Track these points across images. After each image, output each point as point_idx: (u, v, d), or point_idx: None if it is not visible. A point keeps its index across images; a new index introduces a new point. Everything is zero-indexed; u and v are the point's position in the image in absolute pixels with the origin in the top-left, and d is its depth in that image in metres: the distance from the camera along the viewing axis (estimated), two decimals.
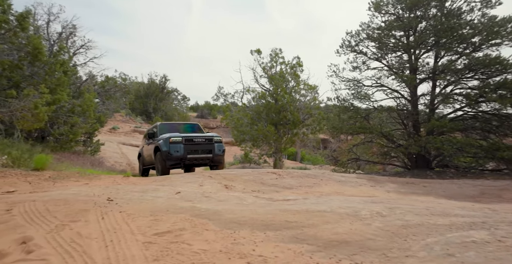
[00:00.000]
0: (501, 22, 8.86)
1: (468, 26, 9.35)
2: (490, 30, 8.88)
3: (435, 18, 9.72)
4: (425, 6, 9.73)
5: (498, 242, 1.84)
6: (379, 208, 2.86)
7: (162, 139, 7.94)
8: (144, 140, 9.58)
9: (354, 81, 11.65)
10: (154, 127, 9.09)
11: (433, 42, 10.04)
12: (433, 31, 9.70)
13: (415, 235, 2.11)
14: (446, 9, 9.64)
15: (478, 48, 9.61)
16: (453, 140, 9.42)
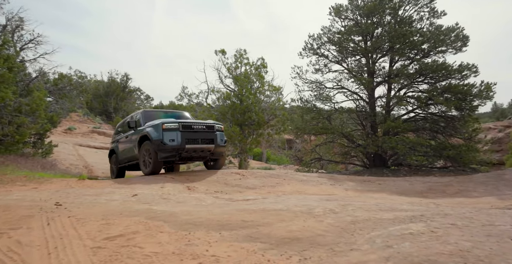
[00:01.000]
0: (446, 31, 9.64)
1: (418, 34, 10.05)
2: (437, 38, 9.62)
3: (389, 25, 10.34)
4: (381, 13, 10.31)
5: (431, 232, 2.02)
6: (332, 205, 2.99)
7: (151, 126, 6.49)
8: (118, 134, 8.02)
9: (317, 83, 12.03)
10: (136, 114, 7.54)
11: (388, 47, 10.66)
12: (388, 37, 10.30)
13: (362, 230, 2.24)
14: (399, 17, 10.30)
15: (427, 54, 10.37)
16: (406, 140, 10.08)
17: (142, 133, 6.62)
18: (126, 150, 7.38)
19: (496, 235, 1.91)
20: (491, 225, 2.14)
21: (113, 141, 8.10)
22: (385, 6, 10.11)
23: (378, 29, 10.86)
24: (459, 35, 9.63)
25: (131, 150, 7.14)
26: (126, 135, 7.46)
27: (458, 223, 2.22)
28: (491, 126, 22.67)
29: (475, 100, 9.79)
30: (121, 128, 8.11)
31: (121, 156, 7.60)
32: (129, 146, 7.20)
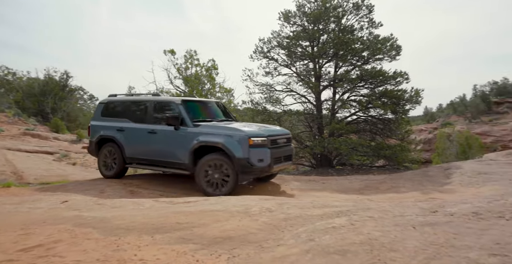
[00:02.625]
0: (383, 40, 10.51)
1: (359, 42, 10.81)
2: (375, 47, 10.44)
3: (333, 32, 10.97)
4: (326, 21, 10.90)
5: (350, 225, 2.21)
6: (269, 204, 3.10)
7: (225, 134, 4.95)
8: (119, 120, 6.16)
9: (267, 86, 12.30)
10: (169, 103, 5.71)
11: (333, 53, 11.29)
12: (332, 43, 10.91)
13: (292, 226, 2.37)
14: (342, 26, 10.98)
15: (367, 61, 11.18)
16: (349, 141, 10.75)
17: (203, 142, 5.07)
18: (152, 151, 5.69)
19: (402, 224, 2.16)
20: (401, 216, 2.41)
21: (107, 126, 6.18)
22: (330, 15, 10.71)
23: (324, 35, 11.44)
24: (393, 44, 10.56)
25: (168, 153, 5.51)
26: (150, 129, 5.65)
27: (375, 216, 2.45)
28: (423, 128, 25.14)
29: (407, 104, 10.79)
30: (122, 110, 6.22)
31: (135, 154, 5.87)
32: (163, 148, 5.57)
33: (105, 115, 6.45)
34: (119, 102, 6.39)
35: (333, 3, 10.75)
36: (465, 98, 33.13)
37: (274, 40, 11.53)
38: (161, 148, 5.60)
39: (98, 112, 6.59)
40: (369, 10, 10.55)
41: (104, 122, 6.38)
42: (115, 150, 6.16)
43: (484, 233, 1.90)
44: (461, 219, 2.25)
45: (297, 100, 12.48)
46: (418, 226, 2.14)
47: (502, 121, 25.65)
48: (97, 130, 6.40)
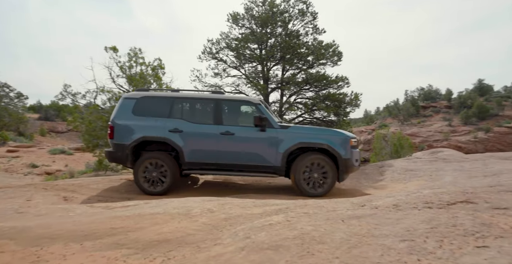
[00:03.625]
0: (326, 46, 11.15)
1: (305, 47, 11.33)
2: (319, 52, 11.03)
3: (281, 37, 11.35)
4: (273, 25, 11.23)
5: (286, 222, 2.31)
6: (212, 205, 3.10)
7: (325, 135, 5.06)
8: (173, 119, 5.23)
9: (216, 87, 12.26)
10: (248, 104, 5.42)
11: (280, 57, 11.67)
12: (279, 47, 11.27)
13: (231, 225, 2.40)
14: (289, 30, 11.41)
15: (312, 65, 11.76)
16: None
17: (304, 143, 5.00)
18: (230, 155, 5.12)
19: (333, 218, 2.32)
20: (333, 211, 2.58)
21: (151, 127, 5.19)
22: (277, 19, 11.06)
23: (271, 39, 11.77)
24: (335, 51, 11.28)
25: (250, 156, 5.10)
26: (224, 130, 5.11)
27: (310, 212, 2.60)
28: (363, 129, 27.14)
29: (347, 107, 11.58)
30: (170, 108, 5.29)
31: (199, 158, 5.16)
32: (243, 150, 5.13)
33: (139, 113, 5.23)
34: (164, 99, 5.34)
35: (280, 8, 11.11)
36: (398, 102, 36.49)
37: (223, 41, 11.56)
38: (240, 151, 5.14)
39: (125, 109, 5.25)
40: (313, 17, 11.11)
41: (142, 121, 5.18)
42: (165, 156, 5.13)
43: (399, 222, 2.12)
44: (384, 211, 2.48)
45: None
46: (346, 219, 2.31)
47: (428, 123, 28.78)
48: (132, 131, 5.14)
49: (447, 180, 6.03)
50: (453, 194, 2.77)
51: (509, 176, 4.89)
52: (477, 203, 2.44)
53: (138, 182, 5.19)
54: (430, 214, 2.25)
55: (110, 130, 5.26)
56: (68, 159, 16.03)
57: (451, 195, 2.76)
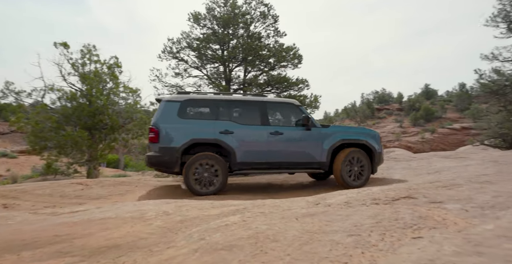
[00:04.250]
0: (287, 49, 11.41)
1: (266, 49, 11.49)
2: (280, 54, 11.25)
3: (242, 38, 11.39)
4: (235, 26, 11.25)
5: (242, 222, 2.33)
6: (168, 207, 3.03)
7: (362, 132, 5.86)
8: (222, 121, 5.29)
9: (177, 87, 11.98)
10: (288, 103, 5.73)
11: (242, 58, 11.71)
12: (241, 48, 11.31)
13: (187, 227, 2.36)
14: (251, 32, 11.50)
15: (273, 67, 11.95)
16: None
17: (346, 140, 5.57)
18: (280, 154, 5.37)
19: (288, 217, 2.39)
20: (288, 210, 2.66)
21: (201, 129, 5.17)
22: (239, 20, 11.09)
23: (233, 40, 11.77)
24: (295, 53, 11.57)
25: (295, 154, 5.44)
26: (274, 130, 5.33)
27: (266, 211, 2.65)
28: None
29: (307, 108, 11.92)
30: (216, 111, 5.34)
31: (251, 158, 5.28)
32: (292, 149, 5.44)
33: (185, 116, 5.21)
34: (210, 101, 5.43)
35: (241, 10, 11.16)
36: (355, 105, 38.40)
37: (183, 41, 11.33)
38: (289, 149, 5.45)
39: (169, 112, 5.16)
40: (275, 20, 11.31)
41: (189, 124, 5.17)
42: (214, 158, 5.10)
43: (349, 218, 2.24)
44: (335, 208, 2.60)
45: None
46: (300, 217, 2.39)
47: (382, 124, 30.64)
48: (180, 134, 5.06)
49: (396, 178, 6.46)
50: (398, 191, 2.99)
51: (448, 173, 5.37)
52: (417, 198, 2.65)
53: (189, 184, 5.06)
54: (376, 210, 2.40)
55: (154, 134, 5.09)
56: (10, 162, 14.68)
57: (396, 191, 2.97)
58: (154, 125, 5.14)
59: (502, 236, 1.63)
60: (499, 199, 2.31)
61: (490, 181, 3.18)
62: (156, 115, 5.32)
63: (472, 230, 1.81)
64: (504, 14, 12.51)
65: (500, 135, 13.72)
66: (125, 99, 11.77)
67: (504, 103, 13.03)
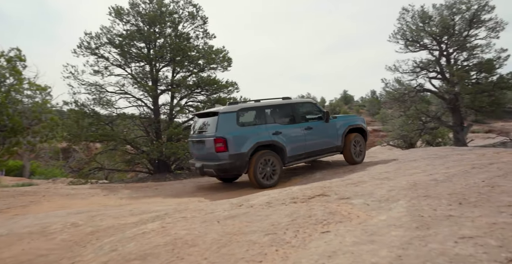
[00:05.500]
0: (216, 51, 11.40)
1: (195, 50, 11.30)
2: (209, 56, 11.19)
3: (170, 37, 11.01)
4: (162, 25, 10.80)
5: (161, 228, 2.24)
6: (78, 218, 2.75)
7: (357, 119, 7.32)
8: (267, 123, 6.04)
9: (96, 86, 10.97)
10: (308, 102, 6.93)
11: (170, 58, 11.31)
12: (169, 48, 10.92)
13: (98, 239, 2.17)
14: (179, 32, 11.19)
15: (202, 69, 11.82)
16: (186, 145, 11.00)
17: (353, 125, 6.93)
18: (313, 144, 6.40)
19: (209, 220, 2.38)
20: (211, 213, 2.65)
21: (259, 133, 5.86)
22: (166, 19, 10.69)
23: (160, 39, 11.29)
24: (225, 56, 11.63)
25: (322, 143, 6.54)
26: (306, 126, 6.37)
27: (188, 216, 2.59)
28: None
29: None
30: (263, 115, 6.14)
31: (295, 152, 6.17)
32: (319, 140, 6.48)
33: (242, 124, 5.81)
34: (257, 109, 6.15)
35: (168, 8, 10.79)
36: None
37: (104, 36, 10.44)
38: (318, 139, 6.44)
39: (229, 122, 5.65)
40: (204, 21, 11.21)
41: (248, 130, 5.80)
42: (273, 155, 5.86)
43: (268, 218, 2.34)
44: (257, 209, 2.68)
45: (132, 103, 11.74)
46: (222, 220, 2.40)
47: None
48: (246, 140, 5.65)
49: (318, 177, 6.97)
50: (314, 189, 3.22)
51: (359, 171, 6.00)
52: (329, 196, 2.90)
53: (257, 179, 5.67)
54: (293, 208, 2.55)
55: (222, 144, 5.52)
56: None
57: (312, 190, 3.20)
58: (220, 136, 5.56)
59: (392, 225, 1.89)
60: (392, 192, 2.67)
61: (388, 177, 3.66)
62: (215, 127, 5.69)
63: (370, 221, 2.05)
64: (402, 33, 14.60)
65: (401, 137, 15.90)
66: (31, 98, 10.30)
67: (404, 109, 15.16)
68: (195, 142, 6.31)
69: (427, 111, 15.55)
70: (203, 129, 6.09)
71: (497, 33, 13.85)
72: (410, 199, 2.42)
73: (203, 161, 6.00)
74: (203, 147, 5.95)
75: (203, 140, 5.90)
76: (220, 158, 5.59)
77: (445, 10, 14.23)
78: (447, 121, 15.10)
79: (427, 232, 1.71)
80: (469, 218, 1.84)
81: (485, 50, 14.06)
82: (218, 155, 5.59)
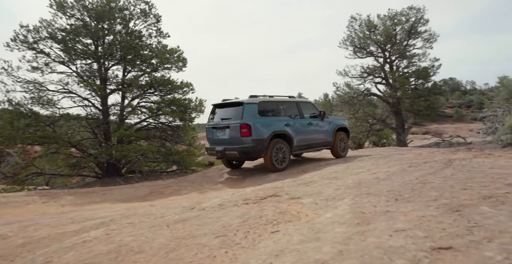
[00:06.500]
0: (170, 51, 11.09)
1: (148, 49, 10.88)
2: (163, 56, 10.84)
3: (120, 35, 10.46)
4: (111, 21, 10.23)
5: (105, 235, 2.11)
6: (8, 229, 2.49)
7: (342, 119, 8.47)
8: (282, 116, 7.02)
9: (35, 84, 10.02)
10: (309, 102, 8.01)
11: (121, 56, 10.74)
12: (120, 46, 10.37)
13: (30, 251, 1.99)
14: (130, 29, 10.68)
15: (156, 69, 11.40)
16: (138, 147, 10.51)
17: (340, 125, 7.96)
18: (312, 137, 7.43)
19: (158, 225, 2.30)
20: (161, 217, 2.56)
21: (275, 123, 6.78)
22: (115, 15, 10.14)
23: (110, 36, 10.68)
24: (180, 56, 11.35)
25: (318, 137, 7.52)
26: (308, 121, 7.39)
27: (136, 221, 2.48)
28: None
29: (193, 112, 11.86)
30: (277, 109, 7.09)
31: (300, 142, 7.13)
32: (316, 135, 7.50)
33: (262, 114, 6.61)
34: (273, 102, 7.02)
35: (118, 4, 10.26)
36: None
37: (44, 30, 9.59)
38: (315, 134, 7.44)
39: (252, 111, 6.50)
40: (157, 20, 10.86)
41: (267, 120, 6.62)
42: (284, 144, 6.70)
43: (219, 220, 2.33)
44: (209, 212, 2.66)
45: (77, 103, 10.93)
46: (172, 224, 2.33)
47: None
48: (266, 128, 6.49)
49: (272, 178, 7.10)
50: (266, 190, 3.28)
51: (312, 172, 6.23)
52: (281, 196, 2.97)
53: (272, 163, 6.58)
54: (245, 209, 2.57)
55: (246, 130, 6.33)
56: None
57: (265, 191, 3.25)
58: (245, 122, 6.37)
59: (336, 222, 2.00)
60: (338, 191, 2.82)
61: (337, 177, 3.85)
62: (242, 114, 6.48)
63: (317, 219, 2.14)
64: (351, 40, 15.52)
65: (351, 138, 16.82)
66: None
67: (353, 111, 16.09)
68: (217, 128, 6.96)
69: (374, 114, 16.69)
70: (227, 117, 6.84)
71: (431, 43, 15.36)
72: (354, 197, 2.57)
73: (224, 145, 6.73)
74: (226, 133, 6.71)
75: (227, 126, 6.65)
76: (244, 142, 6.39)
77: (388, 21, 15.42)
78: (391, 123, 16.33)
79: (367, 227, 1.84)
80: (403, 212, 2.01)
81: (422, 59, 15.51)
82: (243, 139, 6.39)
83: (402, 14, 15.21)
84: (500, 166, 3.29)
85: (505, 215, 1.77)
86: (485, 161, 3.75)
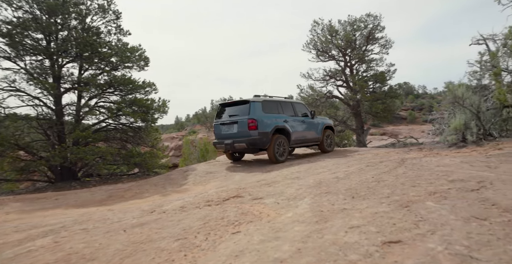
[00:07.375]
0: (132, 49, 10.67)
1: (107, 46, 10.37)
2: (123, 54, 10.40)
3: (76, 30, 9.87)
4: (65, 16, 9.61)
5: (54, 243, 1.98)
6: None
7: (327, 120, 9.23)
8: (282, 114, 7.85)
9: None
10: (301, 103, 8.83)
11: (76, 53, 10.13)
12: (75, 42, 9.77)
13: None
14: (87, 25, 10.11)
15: (116, 67, 10.91)
16: (96, 149, 9.96)
17: (327, 124, 8.88)
18: (305, 134, 8.14)
19: (114, 230, 2.19)
20: (118, 222, 2.45)
21: (277, 120, 7.58)
22: (70, 9, 9.54)
23: (64, 31, 10.03)
24: (142, 55, 10.96)
25: (310, 134, 8.27)
26: (302, 120, 8.15)
27: (90, 227, 2.35)
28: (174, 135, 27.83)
29: (156, 113, 11.49)
30: (276, 107, 7.87)
31: (296, 138, 7.87)
32: (308, 131, 8.23)
33: (266, 111, 7.35)
34: (273, 102, 7.82)
35: None
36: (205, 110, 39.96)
37: None
38: (308, 131, 8.18)
39: (257, 108, 7.25)
40: (117, 16, 10.40)
41: (270, 116, 7.35)
42: (283, 138, 7.45)
43: (180, 223, 2.27)
44: (169, 214, 2.59)
45: (27, 102, 10.14)
46: (129, 228, 2.24)
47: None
48: (269, 123, 7.26)
49: (236, 179, 7.09)
50: (230, 191, 3.27)
51: (276, 172, 6.32)
52: (243, 197, 2.97)
53: (274, 155, 7.25)
54: (207, 211, 2.54)
55: (253, 124, 7.08)
56: None
57: (228, 192, 3.24)
58: (252, 117, 7.13)
59: (296, 221, 2.04)
60: (300, 191, 2.89)
61: (299, 177, 3.94)
62: (248, 111, 7.24)
63: (278, 219, 2.17)
64: (314, 43, 16.00)
65: None
66: None
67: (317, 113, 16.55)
68: (225, 124, 7.61)
69: (336, 115, 17.32)
70: (235, 114, 7.53)
71: (387, 49, 16.31)
72: (314, 196, 2.65)
73: (233, 139, 7.40)
74: (234, 127, 7.40)
75: (235, 121, 7.37)
76: (251, 135, 7.15)
77: (348, 26, 16.12)
78: (351, 124, 17.06)
79: (324, 225, 1.90)
80: (358, 210, 2.11)
81: (379, 64, 16.41)
82: (250, 132, 7.16)
83: (361, 20, 15.99)
84: (445, 164, 3.57)
85: (447, 209, 1.92)
86: (433, 160, 4.05)
